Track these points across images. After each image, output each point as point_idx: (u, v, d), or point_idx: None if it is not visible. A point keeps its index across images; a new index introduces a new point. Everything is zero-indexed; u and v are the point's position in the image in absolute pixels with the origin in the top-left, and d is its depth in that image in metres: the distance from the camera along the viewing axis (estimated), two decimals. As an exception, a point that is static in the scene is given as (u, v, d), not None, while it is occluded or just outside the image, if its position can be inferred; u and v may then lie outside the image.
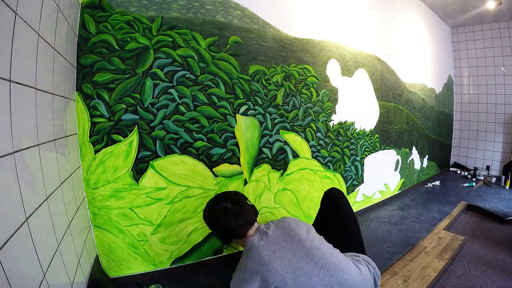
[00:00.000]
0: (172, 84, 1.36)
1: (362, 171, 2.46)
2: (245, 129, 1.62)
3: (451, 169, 4.21)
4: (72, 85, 1.12)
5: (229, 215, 1.06)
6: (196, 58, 1.42)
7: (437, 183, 3.44)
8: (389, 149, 2.78)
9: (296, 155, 1.89)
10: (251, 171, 1.68)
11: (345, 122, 2.23)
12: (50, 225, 0.75)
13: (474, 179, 3.64)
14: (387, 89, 2.68)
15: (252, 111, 1.64)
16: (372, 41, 2.47)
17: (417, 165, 3.35)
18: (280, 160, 1.81)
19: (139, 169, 1.32)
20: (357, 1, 2.29)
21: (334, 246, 1.07)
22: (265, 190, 1.76)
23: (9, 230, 0.54)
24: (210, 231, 1.53)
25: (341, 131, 2.20)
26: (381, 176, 2.72)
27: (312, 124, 1.98)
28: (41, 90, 0.76)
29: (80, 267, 0.98)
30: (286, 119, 1.81)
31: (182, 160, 1.42)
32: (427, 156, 3.60)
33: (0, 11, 0.54)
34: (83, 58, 1.16)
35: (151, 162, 1.34)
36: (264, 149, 1.72)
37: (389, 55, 2.69)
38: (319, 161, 2.05)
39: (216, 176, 1.53)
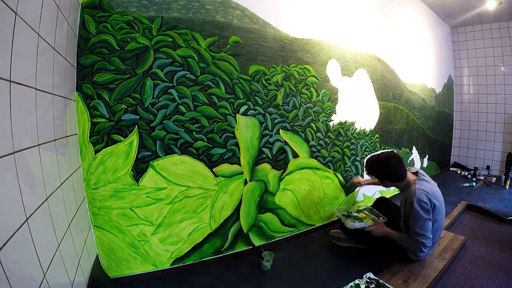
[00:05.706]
0: (172, 84, 1.36)
1: (362, 171, 2.46)
2: (245, 129, 1.62)
3: (451, 169, 4.20)
4: (72, 85, 1.12)
5: (398, 165, 1.56)
6: (196, 58, 1.42)
7: (437, 183, 3.43)
8: (389, 149, 2.78)
9: (296, 155, 1.89)
10: (252, 171, 1.68)
11: (345, 122, 2.23)
12: (50, 225, 0.75)
13: (474, 179, 3.64)
14: (387, 89, 2.68)
15: (252, 111, 1.64)
16: (372, 41, 2.46)
17: (417, 165, 3.35)
18: (280, 160, 1.81)
19: (139, 169, 1.32)
20: (357, 1, 2.28)
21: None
22: (265, 190, 1.76)
23: (9, 230, 0.54)
24: (210, 231, 1.54)
25: (341, 131, 2.20)
26: (381, 176, 2.71)
27: (312, 124, 1.98)
28: (41, 90, 0.76)
29: (80, 267, 0.98)
30: (286, 119, 1.81)
31: (182, 160, 1.42)
32: (427, 156, 3.60)
33: (0, 11, 0.54)
34: (83, 58, 1.16)
35: (151, 162, 1.34)
36: (264, 149, 1.72)
37: (389, 55, 2.69)
38: (319, 161, 2.05)
39: (216, 176, 1.53)
